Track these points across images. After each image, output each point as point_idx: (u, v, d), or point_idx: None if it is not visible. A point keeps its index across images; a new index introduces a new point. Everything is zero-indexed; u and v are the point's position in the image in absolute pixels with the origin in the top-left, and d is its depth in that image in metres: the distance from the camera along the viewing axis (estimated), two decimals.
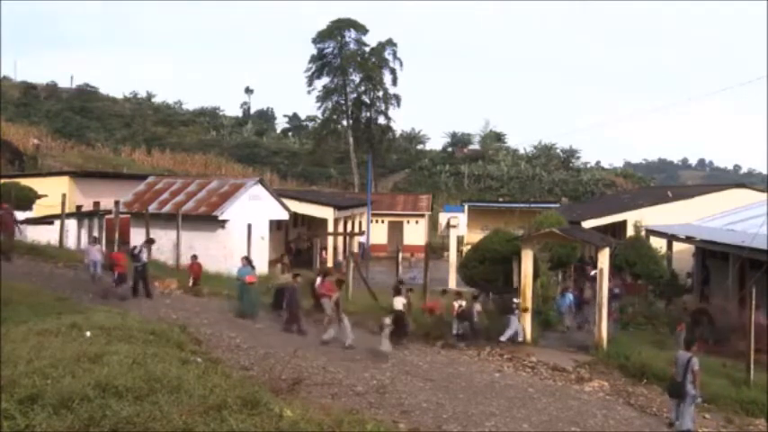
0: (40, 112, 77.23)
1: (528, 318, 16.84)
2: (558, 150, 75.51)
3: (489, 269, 18.44)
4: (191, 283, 19.87)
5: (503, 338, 16.22)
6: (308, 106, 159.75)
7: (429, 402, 11.19)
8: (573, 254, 23.23)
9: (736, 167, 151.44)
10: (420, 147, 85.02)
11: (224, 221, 24.46)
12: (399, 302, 15.85)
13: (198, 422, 5.33)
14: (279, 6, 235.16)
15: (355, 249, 32.57)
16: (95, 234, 22.90)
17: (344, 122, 69.47)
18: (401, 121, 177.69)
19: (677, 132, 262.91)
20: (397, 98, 68.53)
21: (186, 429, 5.23)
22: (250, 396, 6.14)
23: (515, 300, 17.11)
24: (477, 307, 17.19)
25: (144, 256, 18.44)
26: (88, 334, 8.85)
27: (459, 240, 31.81)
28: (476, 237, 26.90)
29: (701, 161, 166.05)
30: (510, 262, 17.65)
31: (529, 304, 16.84)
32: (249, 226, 23.04)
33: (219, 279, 21.42)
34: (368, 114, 69.65)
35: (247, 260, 18.94)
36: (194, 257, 20.66)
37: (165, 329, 10.58)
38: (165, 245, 23.98)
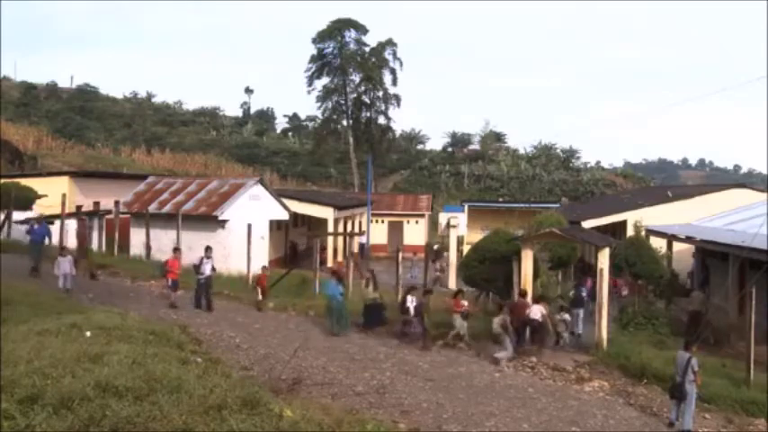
0: (40, 112, 77.27)
1: None
2: (558, 150, 75.53)
3: (489, 269, 18.43)
4: (260, 296, 18.71)
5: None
6: (307, 106, 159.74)
7: (429, 402, 11.19)
8: (573, 254, 23.23)
9: (736, 167, 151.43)
10: (420, 147, 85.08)
11: (224, 221, 24.46)
12: (537, 312, 15.70)
13: (198, 422, 5.33)
14: (279, 6, 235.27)
15: (355, 249, 32.57)
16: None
17: (344, 122, 69.50)
18: (401, 121, 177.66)
19: (677, 132, 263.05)
20: (397, 98, 68.62)
21: (186, 429, 5.23)
22: (250, 396, 6.14)
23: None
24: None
25: (207, 268, 17.75)
26: (88, 334, 8.86)
27: (460, 240, 31.81)
28: (476, 237, 26.89)
29: (701, 161, 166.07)
30: (510, 262, 17.65)
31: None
32: (249, 226, 23.04)
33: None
34: (368, 114, 69.67)
35: (338, 277, 17.73)
36: (265, 269, 19.81)
37: (165, 329, 10.59)
38: (165, 245, 24.00)
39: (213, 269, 18.17)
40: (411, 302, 16.49)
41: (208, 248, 18.56)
